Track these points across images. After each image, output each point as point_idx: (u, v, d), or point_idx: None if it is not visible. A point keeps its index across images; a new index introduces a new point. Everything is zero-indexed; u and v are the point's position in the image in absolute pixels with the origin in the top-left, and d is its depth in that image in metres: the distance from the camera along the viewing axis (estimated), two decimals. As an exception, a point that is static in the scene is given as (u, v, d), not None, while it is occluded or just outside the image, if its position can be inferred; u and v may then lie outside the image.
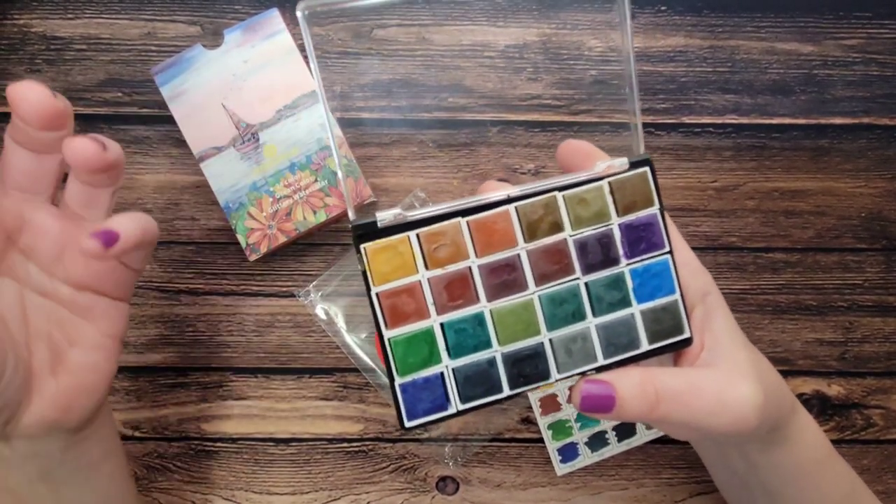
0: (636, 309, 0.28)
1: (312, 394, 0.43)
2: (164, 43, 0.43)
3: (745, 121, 0.44)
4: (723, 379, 0.27)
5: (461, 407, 0.27)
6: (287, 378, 0.43)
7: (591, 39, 0.44)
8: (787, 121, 0.44)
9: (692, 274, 0.29)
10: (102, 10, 0.43)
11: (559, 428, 0.42)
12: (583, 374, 0.28)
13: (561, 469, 0.42)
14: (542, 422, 0.42)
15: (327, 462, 0.43)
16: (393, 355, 0.26)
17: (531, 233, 0.27)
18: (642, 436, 0.42)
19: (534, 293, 0.27)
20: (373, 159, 0.43)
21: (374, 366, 0.42)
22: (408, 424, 0.27)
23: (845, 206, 0.44)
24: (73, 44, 0.43)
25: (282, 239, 0.41)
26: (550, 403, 0.42)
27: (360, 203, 0.41)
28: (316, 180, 0.41)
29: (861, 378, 0.44)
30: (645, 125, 0.44)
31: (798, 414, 0.32)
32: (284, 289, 0.43)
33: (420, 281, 0.26)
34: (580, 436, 0.42)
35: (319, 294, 0.43)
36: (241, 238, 0.41)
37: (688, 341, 0.29)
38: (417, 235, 0.26)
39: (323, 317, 0.42)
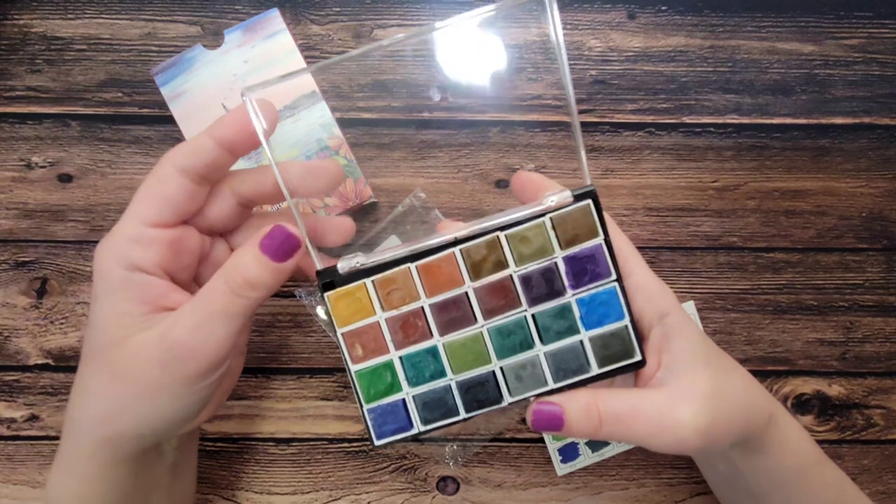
0: (584, 336, 0.30)
1: (313, 394, 0.43)
2: (164, 43, 0.43)
3: (745, 121, 0.44)
4: (664, 402, 0.29)
5: (422, 428, 0.30)
6: (287, 378, 0.43)
7: (591, 39, 0.44)
8: (787, 121, 0.44)
9: (649, 297, 0.30)
10: (103, 11, 0.43)
11: None
12: (536, 396, 0.30)
13: (561, 469, 0.42)
14: None
15: (328, 462, 0.43)
16: (359, 386, 0.30)
17: (476, 272, 0.29)
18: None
19: (482, 326, 0.30)
20: (373, 159, 0.43)
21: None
22: (377, 443, 0.30)
23: (846, 206, 0.44)
24: (73, 44, 0.43)
25: None
26: None
27: (361, 203, 0.41)
28: None
29: (862, 378, 0.44)
30: (645, 125, 0.44)
31: (778, 423, 0.32)
32: (284, 289, 0.43)
33: (378, 321, 0.30)
34: None
35: (319, 294, 0.43)
36: None
37: (640, 363, 0.30)
38: (373, 282, 0.29)
39: (323, 317, 0.42)
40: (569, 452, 0.42)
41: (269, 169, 0.29)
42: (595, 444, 0.42)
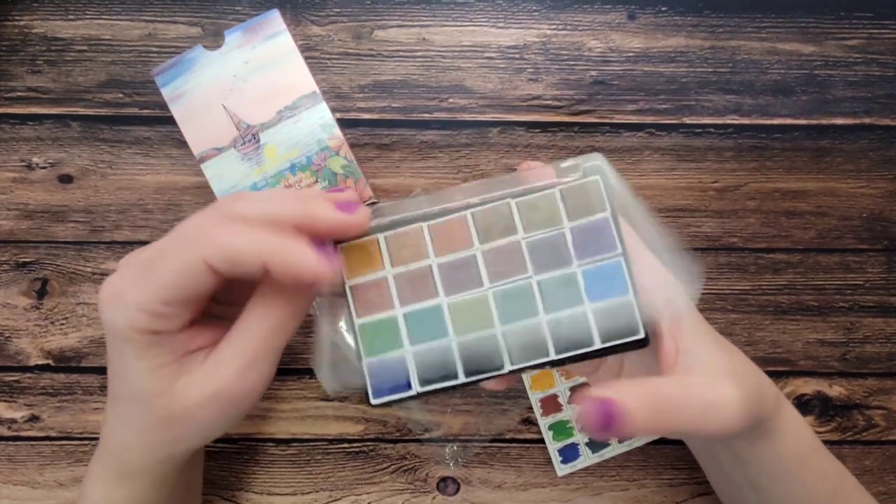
0: (588, 307, 0.29)
1: (313, 394, 0.43)
2: (164, 44, 0.43)
3: (746, 121, 0.44)
4: (705, 383, 0.28)
5: (420, 389, 0.30)
6: (287, 378, 0.43)
7: (591, 40, 0.44)
8: (788, 121, 0.44)
9: (657, 280, 0.29)
10: (103, 12, 0.43)
11: (560, 429, 0.42)
12: (537, 366, 0.29)
13: (561, 470, 0.42)
14: (543, 422, 0.42)
15: (328, 462, 0.43)
16: (361, 339, 0.30)
17: (485, 235, 0.30)
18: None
19: (488, 289, 0.30)
20: (373, 160, 0.43)
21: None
22: (374, 402, 0.30)
23: (846, 206, 0.44)
24: (73, 45, 0.43)
25: None
26: (551, 404, 0.42)
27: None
28: (317, 181, 0.41)
29: (863, 379, 0.44)
30: (646, 125, 0.44)
31: (783, 409, 0.32)
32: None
33: (386, 277, 0.30)
34: (581, 437, 0.42)
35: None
36: None
37: (643, 342, 0.29)
38: (385, 238, 0.30)
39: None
40: (569, 453, 0.42)
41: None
42: (595, 446, 0.42)
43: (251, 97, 0.41)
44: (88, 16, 0.43)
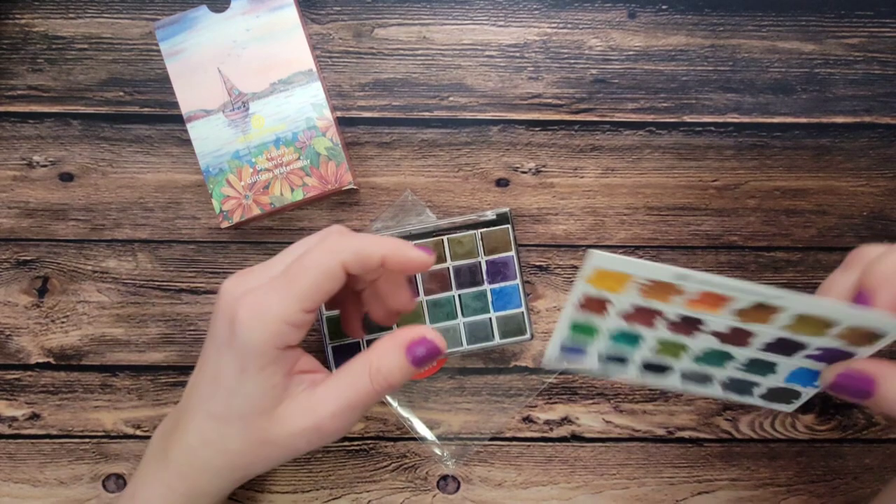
0: (493, 315, 0.41)
1: (313, 393, 0.43)
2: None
3: (746, 120, 0.44)
4: None
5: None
6: (288, 377, 0.43)
7: (592, 38, 0.44)
8: (788, 120, 0.44)
9: None
10: (104, 10, 0.43)
11: (584, 329, 0.31)
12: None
13: (550, 361, 0.32)
14: (567, 317, 0.31)
15: (328, 460, 0.43)
16: (326, 327, 0.41)
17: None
18: (670, 382, 0.34)
19: (422, 299, 0.41)
20: (373, 158, 0.44)
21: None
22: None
23: (847, 205, 0.44)
24: (74, 43, 0.43)
25: (256, 211, 0.41)
26: (600, 306, 0.30)
27: (339, 188, 0.41)
28: (299, 158, 0.41)
29: (863, 377, 0.44)
30: (646, 124, 0.44)
31: None
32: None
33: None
34: (602, 346, 0.32)
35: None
36: (215, 203, 0.41)
37: (528, 339, 0.42)
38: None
39: (422, 433, 0.43)
40: (573, 352, 0.32)
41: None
42: (611, 360, 0.33)
43: (247, 65, 0.41)
44: (89, 14, 0.43)
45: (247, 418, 0.31)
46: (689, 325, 0.31)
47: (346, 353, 0.40)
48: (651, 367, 0.33)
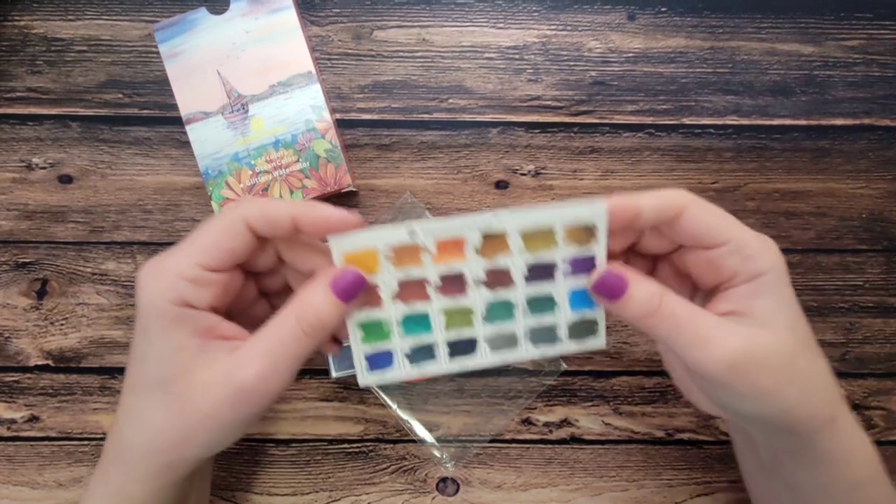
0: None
1: (313, 395, 0.43)
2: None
3: (745, 122, 0.44)
4: (718, 324, 0.29)
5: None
6: (287, 379, 0.43)
7: (591, 41, 0.44)
8: (787, 122, 0.44)
9: (746, 257, 0.30)
10: (103, 12, 0.43)
11: (374, 329, 0.31)
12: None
13: (364, 378, 0.32)
14: (353, 321, 0.31)
15: (327, 463, 0.43)
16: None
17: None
18: (483, 357, 0.33)
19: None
20: (372, 160, 0.44)
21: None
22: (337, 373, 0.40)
23: (846, 207, 0.44)
24: (73, 45, 0.43)
25: None
26: (372, 296, 0.31)
27: (339, 190, 0.41)
28: (298, 160, 0.41)
29: (862, 379, 0.44)
30: (645, 126, 0.44)
31: (839, 430, 0.31)
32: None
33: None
34: (401, 343, 0.32)
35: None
36: (215, 206, 0.41)
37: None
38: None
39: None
40: (380, 360, 0.32)
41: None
42: (418, 357, 0.32)
43: (247, 67, 0.41)
44: (88, 16, 0.43)
45: (163, 386, 0.29)
46: (454, 283, 0.31)
47: (346, 354, 0.40)
48: (458, 349, 0.32)
